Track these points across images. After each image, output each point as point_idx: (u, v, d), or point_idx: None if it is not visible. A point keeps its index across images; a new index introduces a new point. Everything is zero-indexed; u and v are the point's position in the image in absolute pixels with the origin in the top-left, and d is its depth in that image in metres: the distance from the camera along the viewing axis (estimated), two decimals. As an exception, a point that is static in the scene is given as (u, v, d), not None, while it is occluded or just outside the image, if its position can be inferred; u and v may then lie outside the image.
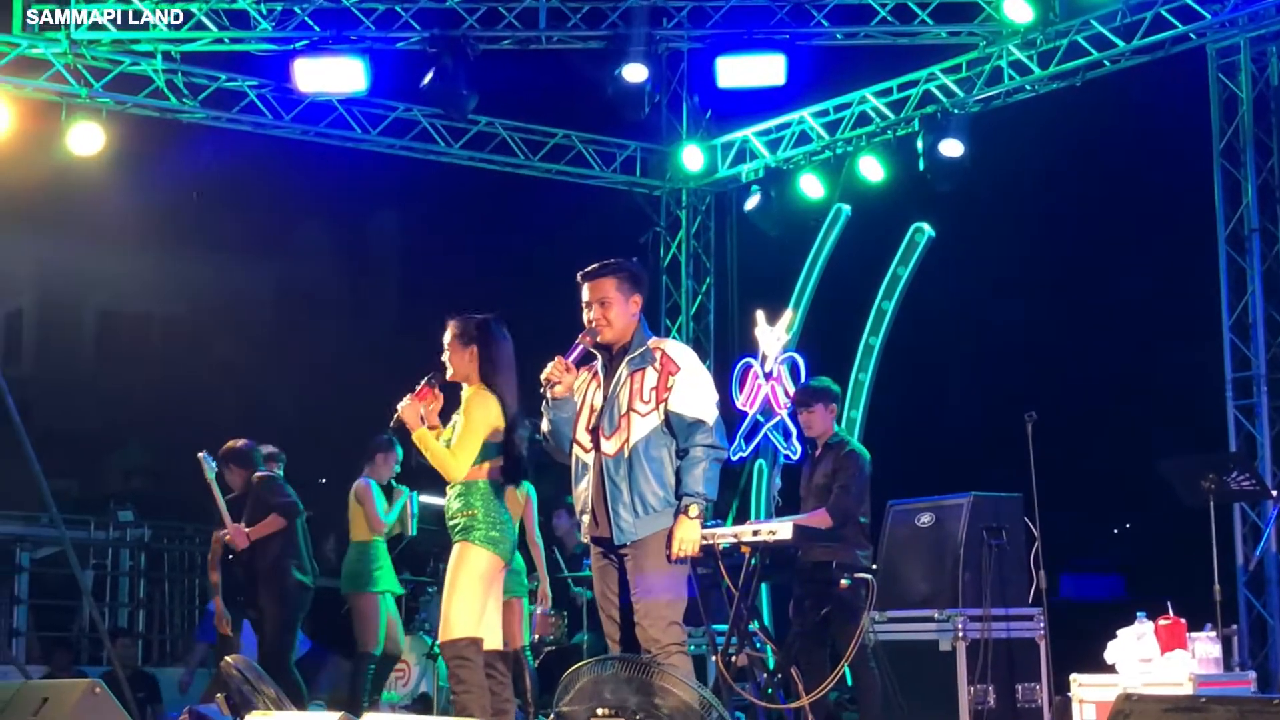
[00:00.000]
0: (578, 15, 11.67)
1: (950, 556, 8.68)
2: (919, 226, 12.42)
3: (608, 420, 5.94)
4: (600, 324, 6.00)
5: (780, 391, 12.04)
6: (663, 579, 5.85)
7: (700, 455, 5.84)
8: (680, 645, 5.80)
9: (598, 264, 6.09)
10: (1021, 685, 8.44)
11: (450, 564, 6.49)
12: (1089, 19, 11.08)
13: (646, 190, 14.22)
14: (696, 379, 5.93)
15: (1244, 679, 7.81)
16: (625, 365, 5.99)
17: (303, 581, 9.16)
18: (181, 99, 11.88)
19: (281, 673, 8.72)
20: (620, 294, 6.02)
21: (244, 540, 9.06)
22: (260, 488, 9.20)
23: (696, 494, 5.82)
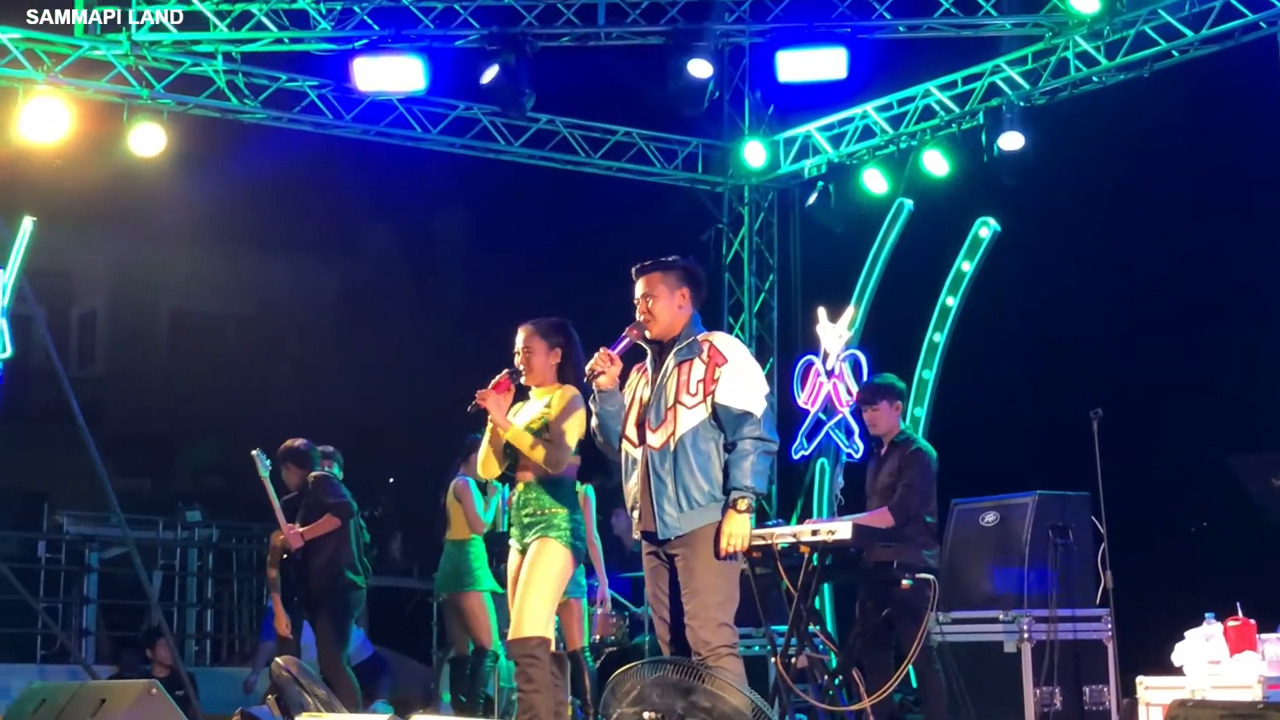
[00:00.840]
0: (636, 11, 11.61)
1: (1015, 556, 8.59)
2: (984, 221, 12.27)
3: (654, 413, 5.92)
4: (646, 317, 6.02)
5: (842, 389, 11.92)
6: (712, 578, 5.76)
7: (748, 448, 5.76)
8: (731, 647, 5.71)
9: (649, 260, 6.12)
10: (1088, 687, 8.33)
11: (527, 560, 6.46)
12: (1156, 9, 10.87)
13: (708, 187, 14.14)
14: (744, 370, 5.87)
15: (1316, 682, 7.63)
16: (672, 357, 5.97)
17: (355, 581, 9.17)
18: (242, 99, 11.92)
19: (336, 673, 8.78)
20: (665, 288, 6.03)
21: (298, 540, 9.07)
22: (315, 487, 9.21)
23: (745, 487, 5.74)
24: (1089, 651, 8.36)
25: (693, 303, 6.08)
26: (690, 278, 6.10)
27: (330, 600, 9.02)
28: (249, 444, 9.69)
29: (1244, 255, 10.88)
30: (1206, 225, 10.86)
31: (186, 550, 15.21)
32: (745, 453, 5.76)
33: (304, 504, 9.19)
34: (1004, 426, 11.64)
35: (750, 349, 10.21)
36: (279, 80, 12.07)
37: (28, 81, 11.04)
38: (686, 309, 6.05)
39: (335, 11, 11.40)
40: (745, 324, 13.90)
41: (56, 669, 12.39)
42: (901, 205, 12.76)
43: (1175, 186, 11.18)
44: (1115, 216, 11.45)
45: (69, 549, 14.24)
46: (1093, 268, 11.54)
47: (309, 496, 9.19)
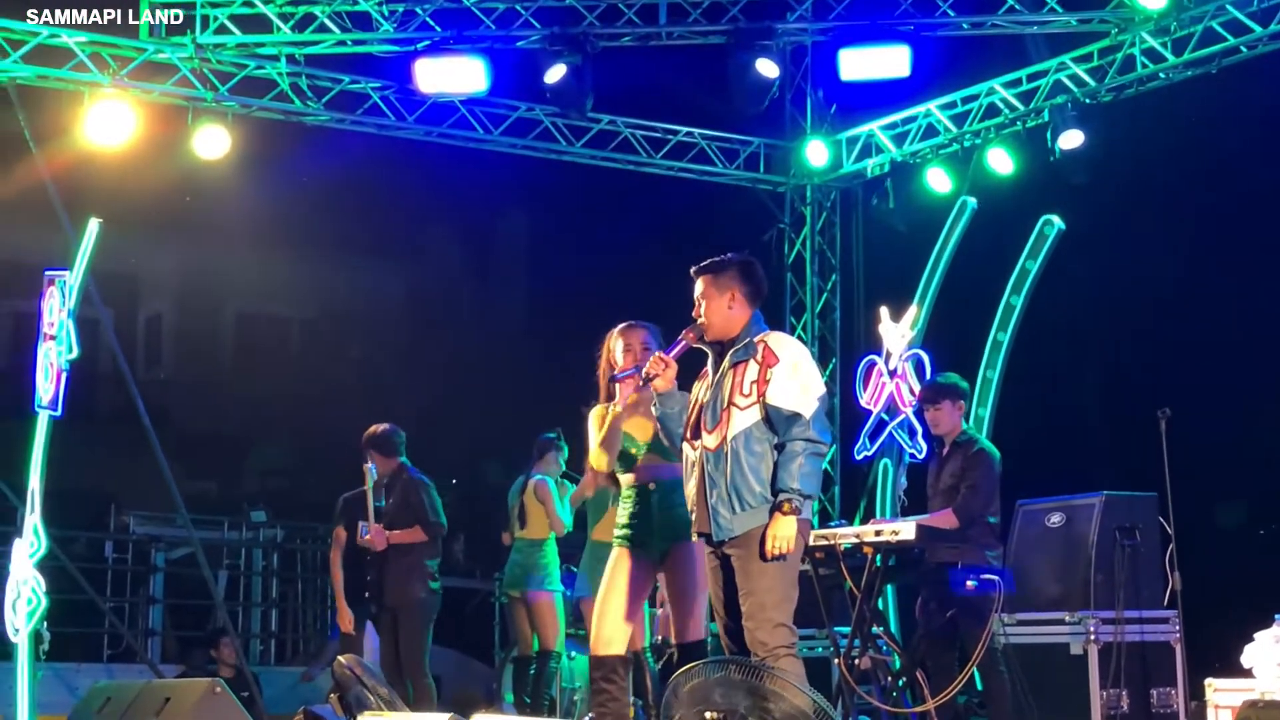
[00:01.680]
0: (698, 10, 11.57)
1: (1082, 557, 8.51)
2: (1048, 219, 12.15)
3: (710, 414, 5.90)
4: (702, 320, 6.00)
5: (905, 389, 11.84)
6: (767, 579, 5.71)
7: (797, 449, 5.70)
8: (789, 648, 5.67)
9: (704, 262, 6.09)
10: (1156, 690, 8.24)
11: (682, 563, 6.43)
12: (1224, 4, 10.72)
13: (770, 187, 14.10)
14: (795, 370, 5.81)
15: (1390, 685, 7.51)
16: (729, 358, 5.94)
17: (435, 589, 9.16)
18: (305, 101, 11.99)
19: (418, 676, 8.82)
20: (715, 290, 5.99)
21: (383, 542, 9.01)
22: (412, 492, 9.09)
23: (791, 489, 5.69)
24: (1156, 653, 8.27)
25: (748, 301, 6.02)
26: (743, 277, 6.04)
27: (412, 608, 8.97)
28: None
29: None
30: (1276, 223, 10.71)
31: (251, 550, 15.32)
32: (793, 454, 5.72)
33: (395, 500, 9.10)
34: (1069, 426, 11.55)
35: (812, 350, 10.16)
36: (342, 82, 12.13)
37: (93, 85, 11.15)
38: (739, 309, 5.99)
39: (397, 13, 11.44)
40: (808, 324, 13.85)
41: (123, 668, 12.50)
42: (965, 204, 12.67)
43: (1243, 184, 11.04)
44: (1182, 215, 11.33)
45: (135, 549, 14.37)
46: (1159, 266, 11.41)
47: (400, 495, 9.09)
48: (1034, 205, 12.20)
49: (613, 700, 6.32)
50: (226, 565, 14.97)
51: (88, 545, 14.43)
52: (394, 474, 9.21)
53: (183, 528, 12.32)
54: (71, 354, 8.61)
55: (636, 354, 6.51)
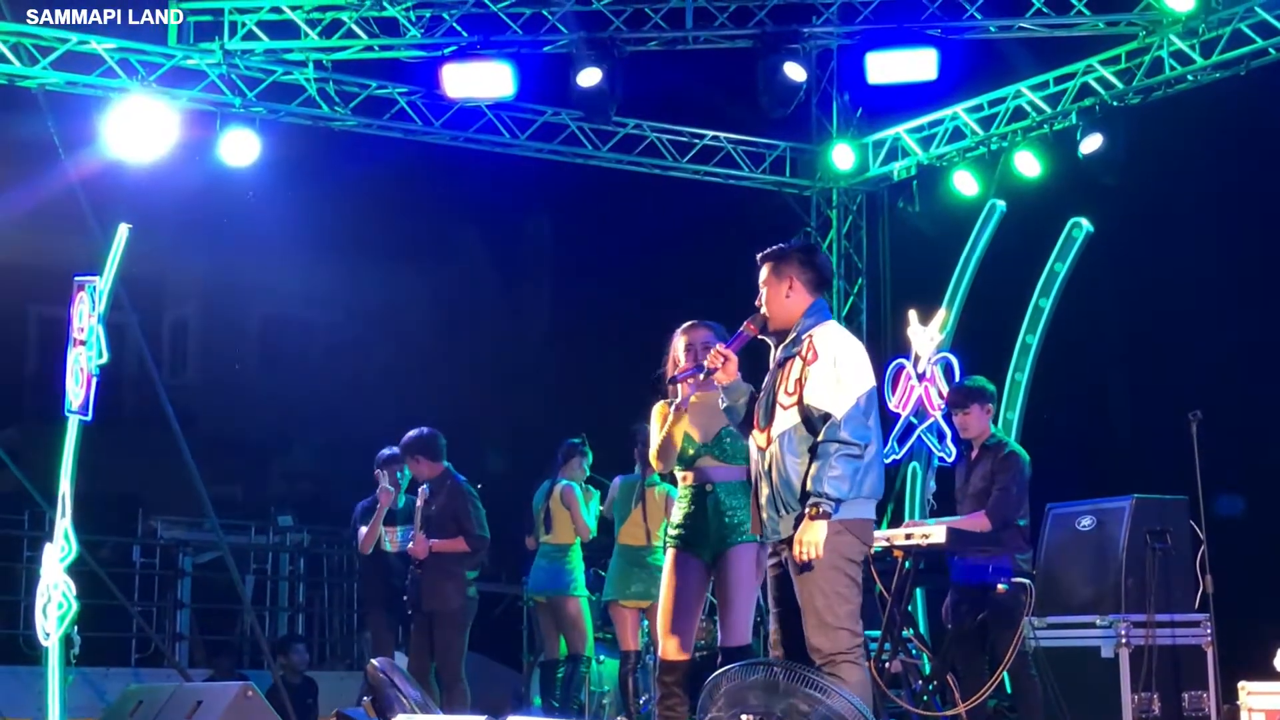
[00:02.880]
0: (724, 14, 11.57)
1: (1112, 560, 8.48)
2: (1076, 222, 12.13)
3: (764, 411, 5.83)
4: (762, 309, 5.91)
5: (934, 393, 11.81)
6: (814, 582, 5.57)
7: (828, 450, 5.54)
8: (847, 653, 5.52)
9: (771, 248, 5.99)
10: (1188, 693, 8.21)
11: (739, 566, 6.41)
12: (1253, 6, 10.67)
13: (796, 190, 14.09)
14: (832, 368, 5.65)
15: None
16: (781, 353, 5.87)
17: (471, 594, 9.17)
18: (333, 107, 12.03)
19: (454, 681, 8.84)
20: (774, 278, 5.88)
21: (425, 551, 8.99)
22: (458, 502, 9.05)
23: (819, 494, 5.52)
24: (1188, 657, 8.23)
25: (808, 289, 5.86)
26: (803, 264, 5.89)
27: (449, 613, 8.96)
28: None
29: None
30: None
31: (278, 555, 15.37)
32: (824, 456, 5.56)
33: (438, 506, 9.05)
34: (1099, 429, 11.51)
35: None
36: (369, 88, 12.17)
37: (123, 90, 11.20)
38: (797, 298, 5.84)
39: (424, 19, 11.46)
40: (834, 327, 13.81)
41: (151, 672, 12.55)
42: (993, 207, 12.65)
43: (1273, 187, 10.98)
44: (1211, 217, 11.29)
45: (163, 553, 14.42)
46: (1189, 269, 11.37)
47: (447, 503, 9.04)
48: (1062, 208, 12.17)
49: (681, 704, 6.32)
50: (254, 570, 15.01)
51: (115, 549, 14.46)
52: (439, 479, 9.17)
53: (210, 532, 12.36)
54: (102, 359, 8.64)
55: (698, 353, 6.42)
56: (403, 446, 9.31)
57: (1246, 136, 11.03)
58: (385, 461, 9.73)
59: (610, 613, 9.27)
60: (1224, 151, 11.10)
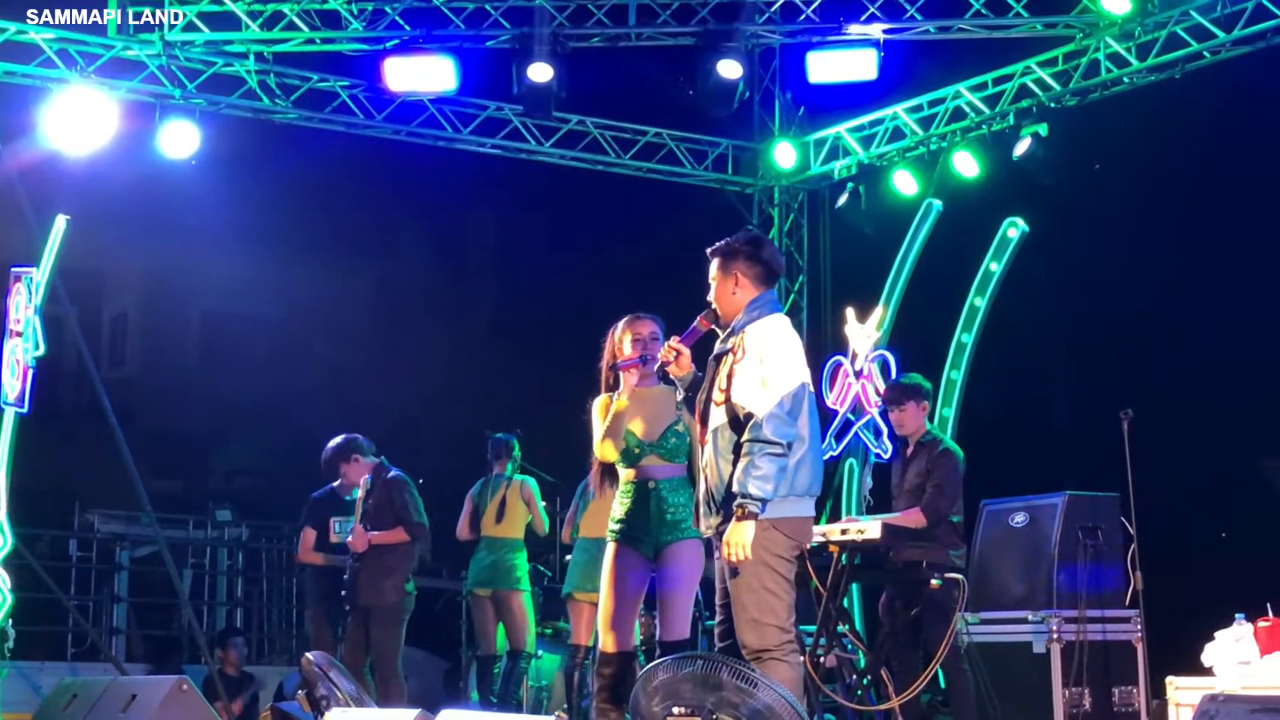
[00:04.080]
0: (667, 12, 11.62)
1: (1044, 557, 8.56)
2: (1012, 221, 12.25)
3: (703, 407, 5.84)
4: (711, 304, 5.90)
5: (871, 390, 11.90)
6: (743, 579, 5.58)
7: (750, 450, 5.49)
8: (775, 649, 5.52)
9: (720, 242, 5.95)
10: (1118, 688, 8.29)
11: (682, 562, 6.42)
12: (1188, 9, 10.84)
13: (739, 188, 14.15)
14: (758, 366, 5.61)
15: (1349, 682, 7.60)
16: (717, 348, 5.86)
17: (410, 590, 9.18)
18: (274, 99, 11.99)
19: (390, 676, 8.82)
20: (721, 273, 5.86)
21: (365, 544, 8.97)
22: (395, 494, 9.05)
23: (744, 494, 5.48)
24: (1118, 652, 8.32)
25: (754, 283, 5.81)
26: (749, 257, 5.83)
27: (385, 608, 8.95)
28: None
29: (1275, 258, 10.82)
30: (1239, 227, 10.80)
31: (217, 549, 15.29)
32: (745, 455, 5.52)
33: (375, 502, 9.04)
34: (1032, 427, 11.61)
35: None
36: (310, 80, 12.14)
37: (61, 81, 11.12)
38: (743, 292, 5.80)
39: (366, 12, 11.45)
40: (775, 325, 13.87)
41: (87, 666, 12.46)
42: (930, 206, 12.75)
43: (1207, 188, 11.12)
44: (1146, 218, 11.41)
45: (100, 547, 14.32)
46: (1123, 269, 11.49)
47: (382, 496, 9.03)
48: (998, 208, 12.29)
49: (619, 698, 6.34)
50: (191, 564, 14.93)
51: (52, 543, 14.36)
52: (375, 474, 9.18)
53: (148, 526, 12.29)
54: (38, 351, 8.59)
55: (645, 343, 6.44)
56: (326, 462, 9.32)
57: (1181, 138, 11.16)
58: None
59: (568, 605, 9.27)
60: (1158, 153, 11.22)
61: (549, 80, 11.32)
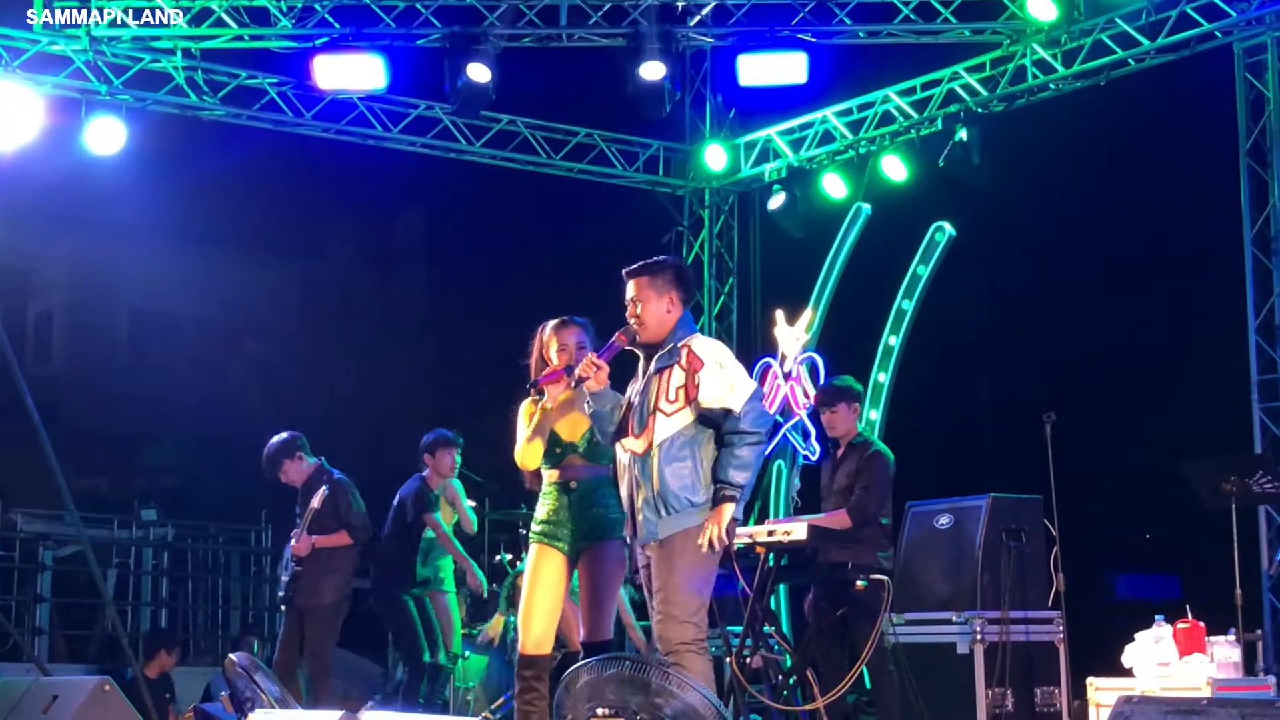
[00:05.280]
0: (599, 13, 11.62)
1: (969, 558, 8.63)
2: (939, 226, 12.36)
3: (637, 420, 5.93)
4: (635, 322, 5.99)
5: (799, 392, 11.97)
6: (677, 576, 5.75)
7: (729, 442, 5.80)
8: (690, 644, 5.71)
9: (640, 263, 6.07)
10: (1040, 689, 8.38)
11: (602, 564, 6.44)
12: (1113, 17, 10.98)
13: (669, 189, 14.18)
14: (720, 370, 5.86)
15: (1264, 684, 7.73)
16: (654, 364, 5.96)
17: (345, 593, 9.17)
18: (202, 96, 11.89)
19: (322, 677, 8.82)
20: (653, 292, 5.99)
21: (308, 549, 8.96)
22: (338, 497, 9.03)
23: (724, 480, 5.78)
24: (1041, 653, 8.40)
25: (682, 304, 6.06)
26: (679, 279, 6.07)
27: (321, 610, 8.95)
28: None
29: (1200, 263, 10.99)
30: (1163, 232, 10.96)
31: (141, 549, 15.15)
32: (728, 447, 5.81)
33: (319, 505, 8.98)
34: (958, 429, 11.73)
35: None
36: (239, 77, 12.05)
37: (-15, 76, 11.00)
38: (675, 312, 6.02)
39: (296, 9, 11.37)
40: (704, 326, 13.91)
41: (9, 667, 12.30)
42: (859, 209, 12.83)
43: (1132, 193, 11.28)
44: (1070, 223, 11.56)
45: (23, 547, 14.14)
46: (1047, 273, 11.64)
47: (327, 500, 8.97)
48: (926, 212, 12.39)
49: (541, 699, 6.35)
50: (116, 564, 14.79)
51: (-27, 542, 14.20)
52: (315, 477, 9.15)
53: (71, 525, 12.15)
54: (-41, 348, 8.47)
55: (571, 352, 6.49)
56: (268, 459, 9.26)
57: (1105, 145, 11.31)
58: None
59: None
60: (1084, 159, 11.38)
61: (488, 81, 11.31)
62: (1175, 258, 10.88)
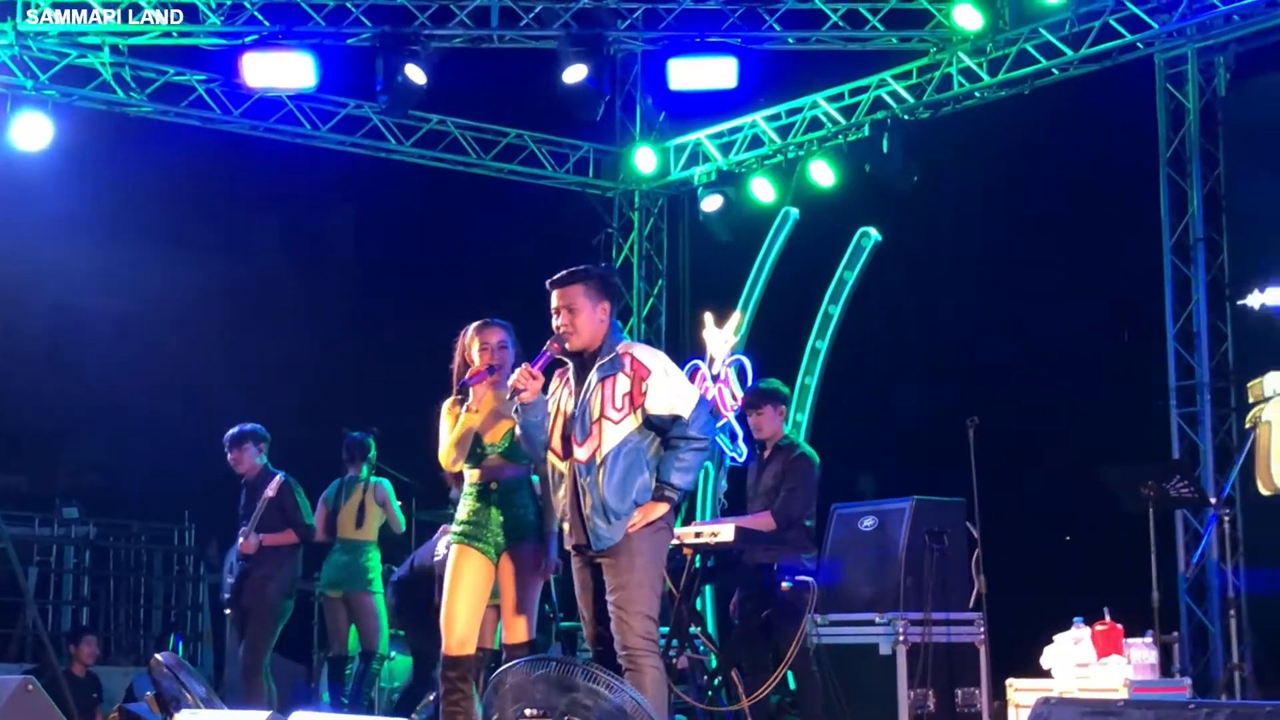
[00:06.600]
0: (530, 15, 11.65)
1: (892, 560, 8.71)
2: (865, 231, 12.47)
3: (580, 428, 5.91)
4: (567, 331, 5.94)
5: (727, 394, 12.05)
6: (634, 576, 5.81)
7: (678, 446, 5.88)
8: (651, 646, 5.79)
9: (567, 271, 6.02)
10: (961, 689, 8.47)
11: (520, 563, 6.47)
12: (1038, 27, 11.15)
13: (599, 191, 14.22)
14: (667, 378, 5.92)
15: (1179, 685, 7.86)
16: (595, 372, 5.93)
17: (289, 594, 9.21)
18: (129, 92, 11.82)
19: (255, 677, 8.81)
20: (588, 300, 5.95)
21: (254, 547, 9.01)
22: (284, 497, 9.10)
23: (666, 482, 5.87)
24: (962, 654, 8.49)
25: (613, 312, 6.06)
26: (610, 288, 6.07)
27: (263, 611, 8.99)
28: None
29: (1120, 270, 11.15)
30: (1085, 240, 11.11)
31: (63, 547, 15.00)
32: (671, 450, 5.90)
33: (264, 506, 9.04)
34: (883, 432, 11.81)
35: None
36: (167, 74, 11.98)
37: (-92, 70, 10.89)
38: (607, 318, 6.00)
39: (225, 6, 11.34)
40: (634, 328, 13.98)
41: (-72, 666, 12.17)
42: (787, 214, 12.92)
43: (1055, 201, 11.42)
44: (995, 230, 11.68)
45: (-59, 545, 13.96)
46: (972, 279, 11.76)
47: (275, 500, 9.04)
48: (853, 217, 12.49)
49: (465, 699, 6.37)
50: (37, 562, 14.63)
51: (-111, 540, 13.97)
52: (261, 475, 9.21)
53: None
54: (-121, 344, 8.38)
55: (493, 351, 6.52)
56: (235, 436, 9.29)
57: (1029, 153, 11.45)
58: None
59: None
60: (1008, 166, 11.51)
61: (423, 83, 11.32)
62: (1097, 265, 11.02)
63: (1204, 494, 9.12)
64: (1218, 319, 10.71)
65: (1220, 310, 10.71)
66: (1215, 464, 10.53)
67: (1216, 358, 10.70)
